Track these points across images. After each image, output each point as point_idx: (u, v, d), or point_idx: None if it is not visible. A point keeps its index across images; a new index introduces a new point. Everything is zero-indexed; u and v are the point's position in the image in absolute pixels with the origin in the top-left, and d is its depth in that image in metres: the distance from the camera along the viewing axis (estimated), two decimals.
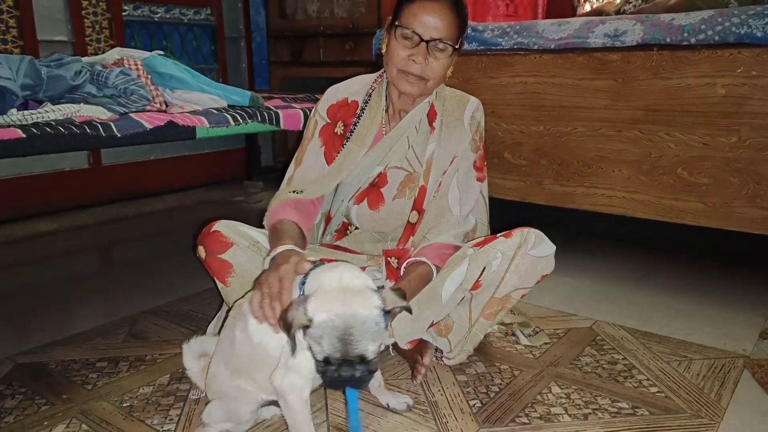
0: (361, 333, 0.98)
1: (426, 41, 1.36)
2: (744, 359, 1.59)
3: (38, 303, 2.01)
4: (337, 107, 1.54)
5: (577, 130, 2.14)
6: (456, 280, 1.39)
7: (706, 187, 1.91)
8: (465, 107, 1.53)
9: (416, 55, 1.37)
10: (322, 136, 1.53)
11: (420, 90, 1.43)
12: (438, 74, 1.41)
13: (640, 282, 2.17)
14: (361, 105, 1.53)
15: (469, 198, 1.51)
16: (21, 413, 1.34)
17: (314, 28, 3.67)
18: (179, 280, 2.17)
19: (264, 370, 1.14)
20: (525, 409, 1.36)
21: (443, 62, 1.40)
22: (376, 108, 1.52)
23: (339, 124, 1.53)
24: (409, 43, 1.37)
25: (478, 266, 1.38)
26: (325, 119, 1.54)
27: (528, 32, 2.20)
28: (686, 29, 1.88)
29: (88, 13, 3.15)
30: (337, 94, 1.56)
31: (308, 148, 1.53)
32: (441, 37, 1.36)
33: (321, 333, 0.98)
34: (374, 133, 1.51)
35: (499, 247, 1.39)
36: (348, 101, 1.54)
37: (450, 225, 1.46)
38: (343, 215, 1.59)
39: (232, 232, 1.40)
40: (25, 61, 1.74)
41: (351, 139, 1.51)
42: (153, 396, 1.41)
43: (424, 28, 1.35)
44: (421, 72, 1.39)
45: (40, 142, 1.48)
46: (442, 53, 1.39)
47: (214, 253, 1.39)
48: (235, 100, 2.11)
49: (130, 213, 3.22)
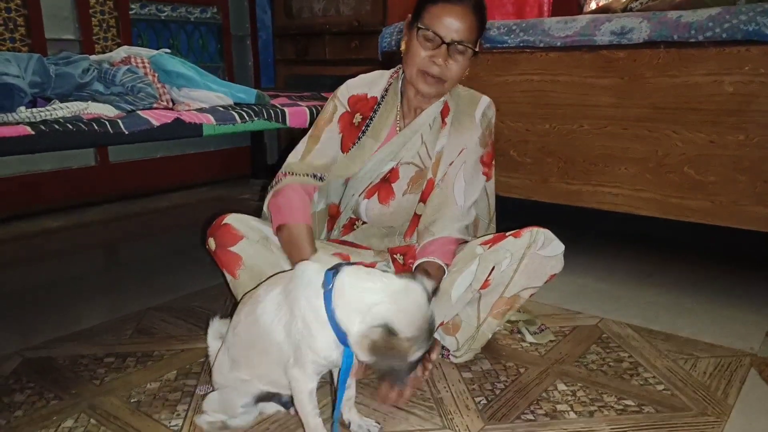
0: (435, 320, 1.06)
1: (447, 44, 1.36)
2: (751, 357, 1.59)
3: (46, 299, 2.03)
4: (356, 99, 1.54)
5: (583, 128, 2.13)
6: (466, 281, 1.40)
7: (713, 186, 1.90)
8: (477, 104, 1.54)
9: (437, 56, 1.37)
10: (341, 122, 1.52)
11: (437, 91, 1.44)
12: (455, 76, 1.42)
13: (646, 280, 2.17)
14: (379, 100, 1.54)
15: (475, 189, 1.51)
16: (30, 407, 1.35)
17: (320, 26, 3.68)
18: (186, 277, 2.18)
19: (267, 355, 1.15)
20: (531, 406, 1.36)
21: (462, 64, 1.40)
22: (392, 104, 1.53)
23: (357, 116, 1.53)
24: (430, 44, 1.38)
25: (487, 267, 1.39)
26: (345, 107, 1.53)
27: (534, 30, 2.20)
28: (693, 26, 1.87)
29: (96, 11, 3.17)
30: (357, 88, 1.56)
31: (326, 129, 1.52)
32: (462, 40, 1.36)
33: (413, 341, 1.00)
34: (389, 129, 1.52)
35: (508, 247, 1.39)
36: (368, 96, 1.54)
37: (454, 217, 1.45)
38: (351, 209, 1.59)
39: (243, 225, 1.41)
40: (34, 59, 1.75)
41: (366, 133, 1.52)
42: (160, 391, 1.42)
43: (446, 30, 1.35)
44: (440, 74, 1.39)
45: (48, 139, 1.49)
46: (462, 55, 1.39)
47: (224, 245, 1.39)
48: (242, 98, 2.11)
49: (137, 210, 3.24)
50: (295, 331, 1.09)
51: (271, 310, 1.13)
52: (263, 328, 1.14)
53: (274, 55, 4.02)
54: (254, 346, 1.18)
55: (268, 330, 1.13)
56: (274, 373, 1.18)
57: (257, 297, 1.19)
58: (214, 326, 1.33)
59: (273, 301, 1.14)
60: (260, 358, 1.18)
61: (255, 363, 1.19)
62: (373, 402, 1.37)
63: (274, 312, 1.13)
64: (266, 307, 1.15)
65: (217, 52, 3.85)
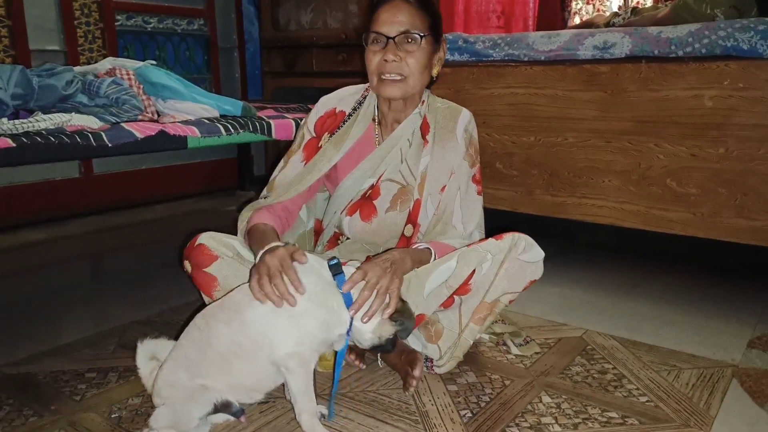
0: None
1: (392, 38, 1.38)
2: (733, 368, 1.60)
3: (27, 313, 2.00)
4: (324, 118, 1.56)
5: (567, 140, 2.15)
6: (442, 275, 1.41)
7: (694, 198, 1.93)
8: (457, 119, 1.54)
9: (387, 53, 1.39)
10: (305, 150, 1.54)
11: (402, 90, 1.43)
12: (416, 69, 1.42)
13: (631, 292, 2.18)
14: (348, 114, 1.55)
15: (474, 213, 1.53)
16: (8, 425, 1.33)
17: (307, 39, 3.69)
18: (169, 290, 2.16)
19: (255, 360, 1.20)
20: (515, 419, 1.36)
21: (418, 56, 1.41)
22: (363, 117, 1.53)
23: (325, 136, 1.54)
24: (378, 46, 1.41)
25: (467, 265, 1.40)
26: (312, 133, 1.55)
27: (519, 44, 2.22)
28: (674, 42, 1.91)
29: (81, 22, 3.15)
30: (327, 104, 1.57)
31: (291, 160, 1.55)
32: (407, 30, 1.38)
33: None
34: (355, 139, 1.52)
35: (489, 247, 1.40)
36: (336, 111, 1.55)
37: (455, 237, 1.49)
38: (335, 226, 1.59)
39: (217, 244, 1.41)
40: (16, 71, 1.73)
41: (329, 141, 1.52)
42: (142, 407, 1.40)
43: (387, 27, 1.39)
44: (397, 69, 1.40)
45: (30, 151, 1.47)
46: (413, 45, 1.40)
47: (199, 266, 1.40)
48: (228, 110, 2.11)
49: (121, 222, 3.21)
50: (300, 311, 1.19)
51: (262, 315, 1.19)
52: (258, 335, 1.19)
53: (262, 67, 4.02)
54: (237, 355, 1.20)
55: (264, 333, 1.19)
56: (252, 379, 1.24)
57: (237, 305, 1.22)
58: (143, 347, 1.30)
59: (266, 303, 1.19)
60: (244, 364, 1.21)
61: (235, 371, 1.21)
62: (359, 416, 1.36)
63: (272, 310, 1.18)
64: (258, 311, 1.19)
65: (204, 64, 3.85)
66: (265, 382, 1.27)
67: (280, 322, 1.20)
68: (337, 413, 1.37)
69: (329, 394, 1.37)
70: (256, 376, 1.24)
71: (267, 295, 1.16)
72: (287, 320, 1.20)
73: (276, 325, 1.20)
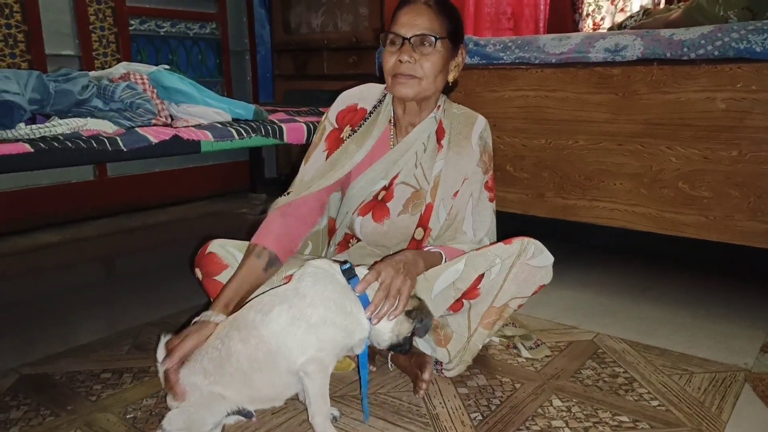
0: None
1: (408, 39, 1.40)
2: (745, 373, 1.59)
3: (43, 315, 2.03)
4: (345, 112, 1.56)
5: (578, 143, 2.15)
6: (450, 277, 1.42)
7: (707, 201, 1.92)
8: (473, 126, 1.54)
9: (402, 54, 1.40)
10: (327, 141, 1.55)
11: (414, 90, 1.44)
12: (430, 72, 1.42)
13: (642, 295, 2.18)
14: (369, 111, 1.56)
15: (484, 222, 1.54)
16: (26, 424, 1.35)
17: (318, 41, 3.71)
18: (183, 292, 2.19)
19: (275, 371, 1.22)
20: (526, 422, 1.37)
21: (433, 59, 1.42)
22: (383, 116, 1.54)
23: (346, 129, 1.55)
24: (394, 47, 1.42)
25: (474, 268, 1.40)
26: (333, 124, 1.56)
27: (529, 47, 2.22)
28: (686, 44, 1.90)
29: (95, 27, 3.19)
30: (348, 99, 1.58)
31: (314, 153, 1.55)
32: (422, 32, 1.39)
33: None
34: (376, 138, 1.52)
35: (498, 252, 1.41)
36: (357, 107, 1.56)
37: (464, 242, 1.50)
38: (346, 227, 1.60)
39: (226, 252, 1.43)
40: (33, 76, 1.77)
41: (351, 138, 1.53)
42: (156, 407, 1.42)
43: (405, 28, 1.40)
44: (411, 71, 1.41)
45: (47, 156, 1.50)
46: (429, 48, 1.41)
47: (210, 275, 1.43)
48: (240, 114, 2.13)
49: (135, 225, 3.24)
50: (319, 320, 1.21)
51: (282, 325, 1.21)
52: (277, 348, 1.21)
53: (273, 70, 4.06)
54: (257, 369, 1.21)
55: (282, 347, 1.20)
56: (273, 390, 1.25)
57: (251, 323, 1.22)
58: (165, 341, 1.28)
59: (282, 317, 1.21)
60: (264, 377, 1.22)
61: (256, 384, 1.22)
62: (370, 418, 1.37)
63: (289, 323, 1.20)
64: (275, 326, 1.21)
65: (216, 68, 3.88)
66: (286, 391, 1.29)
67: (299, 333, 1.21)
68: (348, 415, 1.38)
69: (341, 396, 1.38)
70: (277, 387, 1.26)
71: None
72: (306, 330, 1.21)
73: (295, 336, 1.21)
